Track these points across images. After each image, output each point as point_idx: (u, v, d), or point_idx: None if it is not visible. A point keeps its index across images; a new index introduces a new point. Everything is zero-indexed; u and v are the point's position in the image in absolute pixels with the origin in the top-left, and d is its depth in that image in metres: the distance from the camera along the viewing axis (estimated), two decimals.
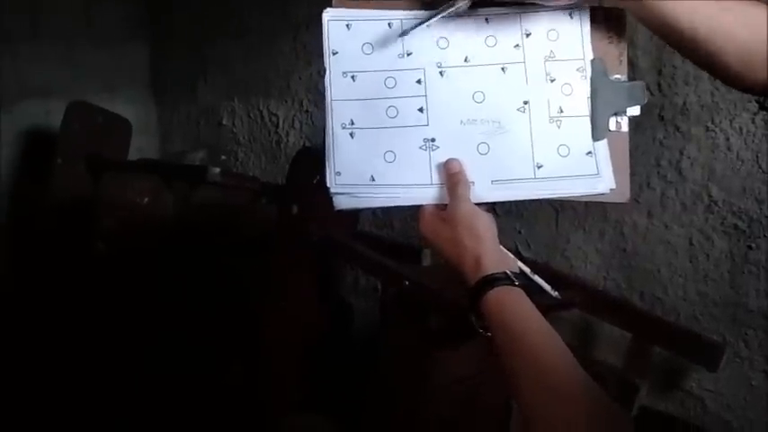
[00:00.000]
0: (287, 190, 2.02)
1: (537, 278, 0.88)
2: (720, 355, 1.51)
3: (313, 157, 1.97)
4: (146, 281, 2.01)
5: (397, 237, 2.27)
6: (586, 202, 1.52)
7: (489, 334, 0.77)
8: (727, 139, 1.60)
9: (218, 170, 2.04)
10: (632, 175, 0.88)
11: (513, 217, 1.96)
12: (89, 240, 2.01)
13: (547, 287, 0.89)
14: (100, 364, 2.08)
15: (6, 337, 2.38)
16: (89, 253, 2.03)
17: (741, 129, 1.58)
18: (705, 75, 1.59)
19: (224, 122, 2.76)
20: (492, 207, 0.87)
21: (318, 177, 1.84)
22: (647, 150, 1.70)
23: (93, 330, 2.10)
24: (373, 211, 2.20)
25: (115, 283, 2.05)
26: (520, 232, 1.97)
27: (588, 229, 1.85)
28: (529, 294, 0.78)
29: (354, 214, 2.01)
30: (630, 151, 0.87)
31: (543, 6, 0.88)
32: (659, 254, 1.74)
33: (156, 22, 2.91)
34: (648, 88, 1.68)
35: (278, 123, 2.58)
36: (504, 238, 0.83)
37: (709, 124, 1.62)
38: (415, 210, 0.87)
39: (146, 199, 2.00)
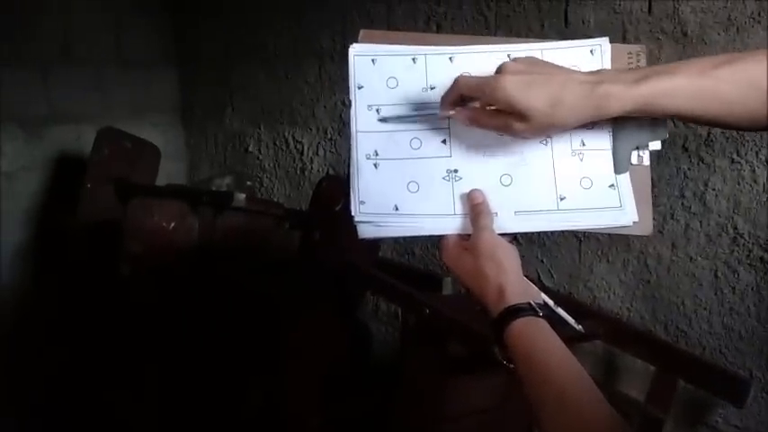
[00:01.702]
0: (310, 216, 2.04)
1: (560, 310, 0.87)
2: (747, 390, 1.48)
3: (336, 185, 1.99)
4: (169, 304, 2.03)
5: (418, 264, 2.27)
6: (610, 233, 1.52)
7: (512, 366, 0.76)
8: (753, 171, 1.58)
9: (243, 196, 2.07)
10: (656, 206, 0.88)
11: (535, 246, 1.96)
12: (115, 263, 2.04)
13: (570, 320, 0.88)
14: (122, 385, 2.09)
15: (32, 358, 2.41)
16: (114, 276, 2.05)
17: (767, 160, 1.57)
18: None
19: (250, 149, 2.80)
20: (514, 236, 0.87)
21: (341, 204, 1.86)
22: (671, 182, 1.69)
23: (116, 353, 2.11)
24: (395, 238, 2.21)
25: (139, 305, 2.07)
26: (542, 261, 1.96)
27: (612, 259, 1.84)
28: (552, 326, 0.77)
29: (376, 241, 2.02)
30: (654, 182, 0.88)
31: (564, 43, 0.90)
32: (684, 286, 1.72)
33: (184, 51, 2.97)
34: (673, 119, 1.69)
35: (303, 151, 2.61)
36: (527, 267, 0.84)
37: (735, 156, 1.61)
38: (436, 238, 0.87)
39: (172, 223, 2.03)
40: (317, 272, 1.91)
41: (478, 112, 0.83)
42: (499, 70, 0.79)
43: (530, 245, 1.95)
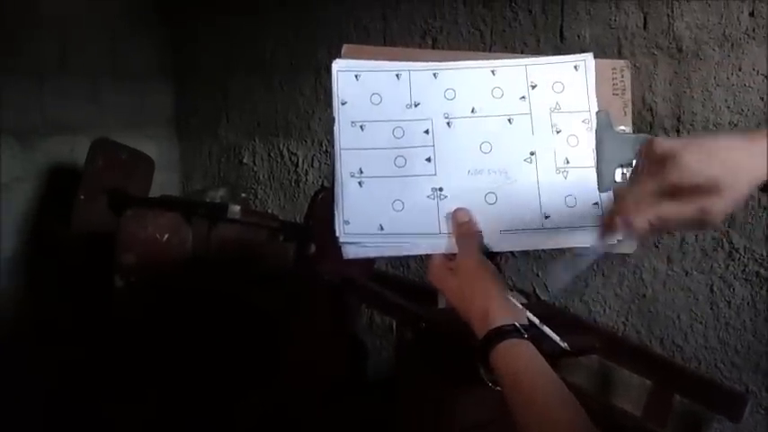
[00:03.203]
0: (305, 228, 2.04)
1: (546, 329, 0.87)
2: (743, 405, 1.47)
3: (331, 197, 1.98)
4: (163, 316, 2.02)
5: (414, 277, 2.27)
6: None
7: (498, 388, 0.76)
8: None
9: (237, 208, 2.06)
10: None
11: (531, 259, 1.95)
12: (109, 275, 2.03)
13: (556, 338, 0.88)
14: (116, 398, 2.07)
15: (26, 369, 2.39)
16: (108, 288, 2.04)
17: None
18: (725, 121, 1.60)
19: (245, 161, 2.80)
20: (511, 252, 0.87)
21: None
22: None
23: (111, 364, 2.10)
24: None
25: (133, 317, 2.06)
26: (538, 275, 1.95)
27: (607, 273, 1.84)
28: (540, 343, 0.77)
29: None
30: None
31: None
32: (679, 300, 1.72)
33: (180, 62, 2.98)
34: (668, 134, 1.70)
35: (297, 163, 2.61)
36: (522, 280, 0.83)
37: None
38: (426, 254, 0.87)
39: (166, 235, 2.02)
40: (311, 284, 1.90)
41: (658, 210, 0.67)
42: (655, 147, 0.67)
43: (525, 258, 1.95)
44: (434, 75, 0.90)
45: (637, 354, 1.67)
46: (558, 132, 0.89)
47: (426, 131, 0.89)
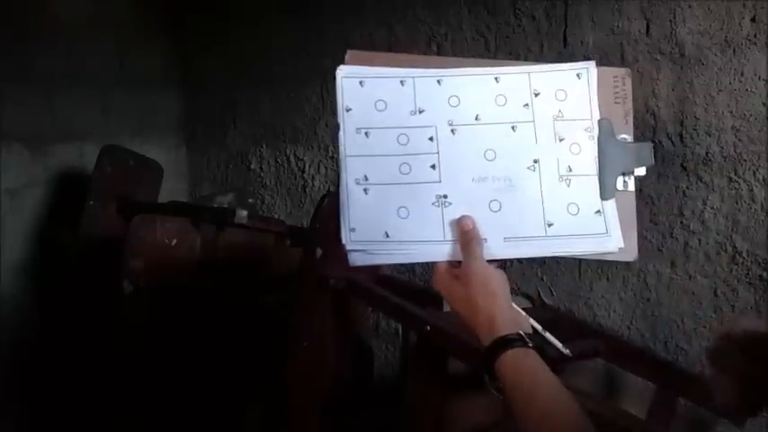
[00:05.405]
0: (311, 233, 2.05)
1: (549, 335, 0.88)
2: None
3: (336, 204, 2.00)
4: (171, 321, 2.04)
5: (419, 281, 2.28)
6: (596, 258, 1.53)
7: (502, 397, 0.77)
8: (751, 191, 1.60)
9: (245, 213, 2.07)
10: (655, 224, 0.89)
11: (535, 264, 1.96)
12: (117, 281, 2.04)
13: (558, 344, 0.89)
14: (123, 403, 2.09)
15: (33, 375, 2.41)
16: (116, 293, 2.06)
17: (765, 180, 1.58)
18: (728, 126, 1.61)
19: (252, 167, 2.82)
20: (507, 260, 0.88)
21: None
22: (669, 200, 1.70)
23: (118, 370, 2.11)
24: None
25: (141, 322, 2.08)
26: (542, 279, 1.97)
27: (611, 277, 1.85)
28: (542, 349, 0.78)
29: None
30: (653, 200, 0.89)
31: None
32: (683, 304, 1.73)
33: (187, 70, 3.00)
34: (671, 138, 1.71)
35: (304, 168, 2.63)
36: (527, 285, 0.85)
37: (732, 175, 1.62)
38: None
39: (174, 240, 2.04)
40: (317, 289, 1.92)
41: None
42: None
43: (530, 263, 1.95)
44: (438, 81, 0.91)
45: (641, 357, 1.68)
46: (560, 140, 0.89)
47: (431, 138, 0.89)
